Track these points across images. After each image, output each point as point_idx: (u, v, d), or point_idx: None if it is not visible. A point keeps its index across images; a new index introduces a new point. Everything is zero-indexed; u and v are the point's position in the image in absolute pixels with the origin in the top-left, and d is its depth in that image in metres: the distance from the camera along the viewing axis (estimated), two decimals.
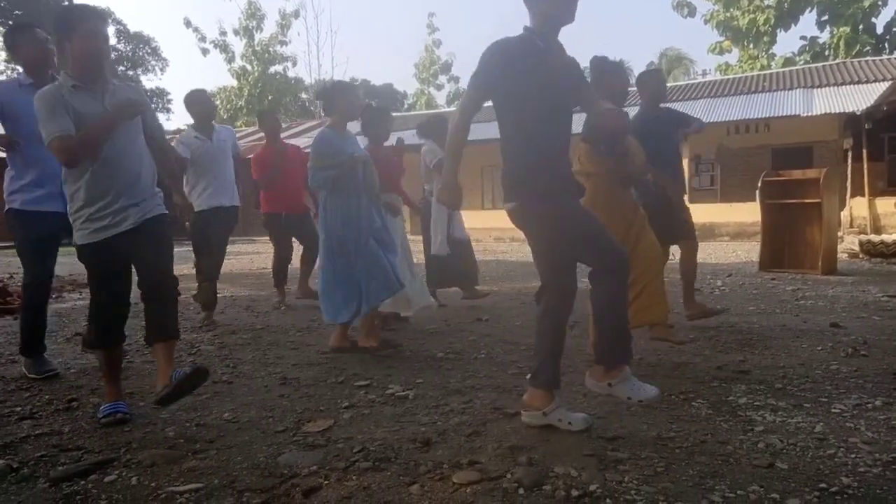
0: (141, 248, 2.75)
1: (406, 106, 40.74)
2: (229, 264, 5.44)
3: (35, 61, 3.44)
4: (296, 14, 36.40)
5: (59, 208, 3.34)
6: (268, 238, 6.22)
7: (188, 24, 34.94)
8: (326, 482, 2.07)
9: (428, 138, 5.67)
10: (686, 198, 4.61)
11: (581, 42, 2.76)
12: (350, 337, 4.02)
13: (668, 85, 21.52)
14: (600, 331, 2.63)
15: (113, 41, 34.94)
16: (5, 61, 33.99)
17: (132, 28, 36.08)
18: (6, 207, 3.43)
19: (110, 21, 35.23)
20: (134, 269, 2.82)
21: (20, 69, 3.55)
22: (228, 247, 5.33)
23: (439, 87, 40.58)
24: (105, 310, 2.80)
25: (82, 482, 2.11)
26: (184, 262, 5.17)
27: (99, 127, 2.59)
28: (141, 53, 36.59)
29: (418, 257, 5.12)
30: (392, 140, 5.31)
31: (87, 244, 2.71)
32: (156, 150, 2.96)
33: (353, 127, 4.27)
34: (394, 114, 5.74)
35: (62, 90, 2.62)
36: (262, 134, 6.79)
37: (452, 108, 30.71)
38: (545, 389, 2.49)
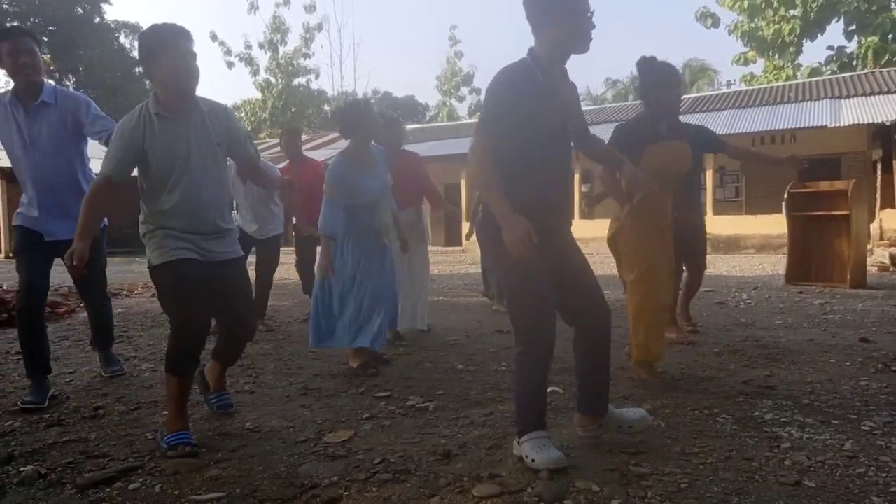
0: (229, 289, 2.74)
1: (428, 118, 40.97)
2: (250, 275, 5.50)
3: (15, 75, 3.15)
4: (319, 27, 36.93)
5: (39, 228, 3.25)
6: (290, 250, 6.30)
7: (214, 37, 35.58)
8: (346, 493, 2.07)
9: None
10: (710, 210, 4.58)
11: (602, 53, 2.63)
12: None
13: (693, 96, 21.43)
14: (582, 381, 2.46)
15: None
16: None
17: None
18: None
19: (139, 36, 36.03)
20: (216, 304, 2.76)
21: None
22: (250, 257, 5.40)
23: (461, 99, 40.79)
24: (182, 333, 2.55)
25: (108, 489, 2.14)
26: None
27: (81, 221, 2.58)
28: None
29: (436, 268, 5.12)
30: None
31: (166, 262, 2.55)
32: (252, 174, 2.98)
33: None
34: (416, 126, 5.85)
35: (143, 121, 2.53)
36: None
37: (474, 120, 30.84)
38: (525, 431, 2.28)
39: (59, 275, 3.69)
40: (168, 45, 2.46)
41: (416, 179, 4.85)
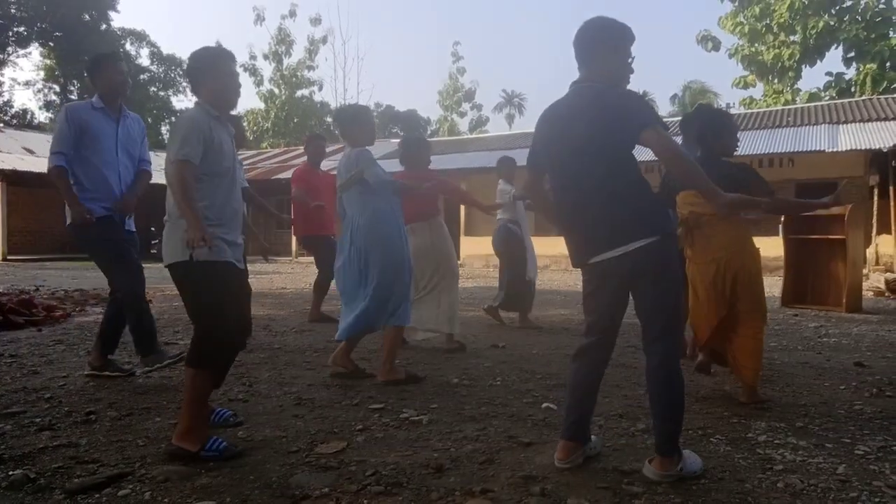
0: (241, 294, 2.86)
1: (430, 132, 41.18)
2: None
3: (115, 90, 3.77)
4: (324, 40, 37.22)
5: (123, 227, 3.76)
6: (288, 259, 6.33)
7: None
8: None
9: (500, 177, 6.22)
10: None
11: None
12: (354, 360, 3.98)
13: None
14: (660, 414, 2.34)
15: (146, 62, 36.27)
16: (44, 80, 35.11)
17: (165, 50, 37.04)
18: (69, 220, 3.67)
19: (144, 43, 36.31)
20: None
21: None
22: (249, 266, 5.41)
23: (462, 115, 41.14)
24: (219, 326, 2.61)
25: (97, 495, 2.13)
26: None
27: (191, 212, 2.52)
28: (173, 75, 37.60)
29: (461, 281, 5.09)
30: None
31: (212, 261, 2.58)
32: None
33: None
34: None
35: (209, 117, 2.71)
36: (283, 157, 6.96)
37: (475, 135, 30.97)
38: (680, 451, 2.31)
39: (57, 278, 3.67)
40: (222, 65, 2.79)
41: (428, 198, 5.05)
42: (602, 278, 2.41)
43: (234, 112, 3.10)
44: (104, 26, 33.68)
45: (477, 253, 17.31)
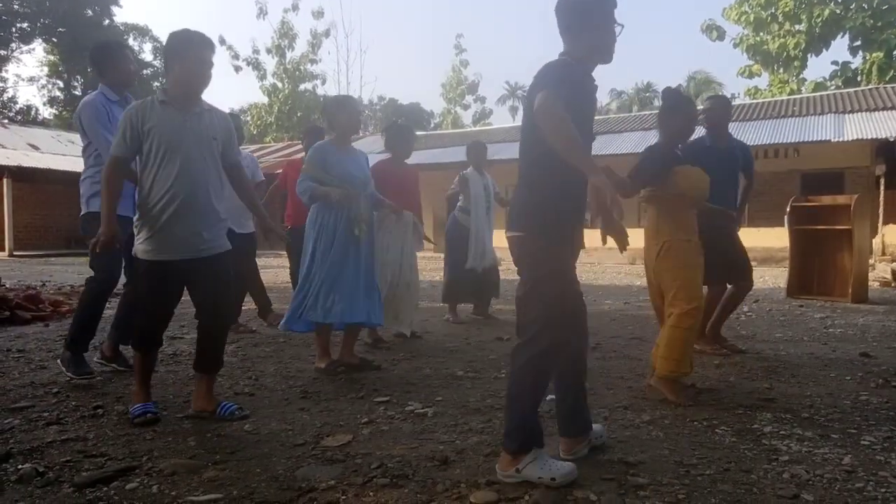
0: (203, 280, 2.89)
1: (433, 125, 41.10)
2: None
3: (126, 80, 3.77)
4: (326, 33, 37.07)
5: (130, 213, 3.59)
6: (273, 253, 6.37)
7: (222, 41, 35.66)
8: (344, 497, 2.08)
9: (469, 163, 6.08)
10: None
11: (607, 64, 2.69)
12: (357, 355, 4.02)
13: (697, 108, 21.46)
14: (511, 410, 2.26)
15: (149, 57, 36.20)
16: (47, 76, 35.17)
17: None
18: (85, 211, 3.63)
19: (147, 38, 36.27)
20: (190, 295, 2.96)
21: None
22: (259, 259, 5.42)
23: (465, 107, 40.94)
24: (149, 320, 2.94)
25: (105, 488, 2.15)
26: None
27: (106, 206, 2.85)
28: None
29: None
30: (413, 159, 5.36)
31: (147, 261, 2.84)
32: (235, 180, 3.12)
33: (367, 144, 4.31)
34: (421, 133, 5.93)
35: (146, 105, 2.80)
36: (287, 151, 6.89)
37: (478, 128, 30.89)
38: (524, 450, 2.18)
39: (63, 273, 3.68)
40: (192, 51, 2.78)
41: (414, 189, 5.05)
42: None
43: (232, 109, 3.10)
44: (107, 21, 33.66)
45: None
